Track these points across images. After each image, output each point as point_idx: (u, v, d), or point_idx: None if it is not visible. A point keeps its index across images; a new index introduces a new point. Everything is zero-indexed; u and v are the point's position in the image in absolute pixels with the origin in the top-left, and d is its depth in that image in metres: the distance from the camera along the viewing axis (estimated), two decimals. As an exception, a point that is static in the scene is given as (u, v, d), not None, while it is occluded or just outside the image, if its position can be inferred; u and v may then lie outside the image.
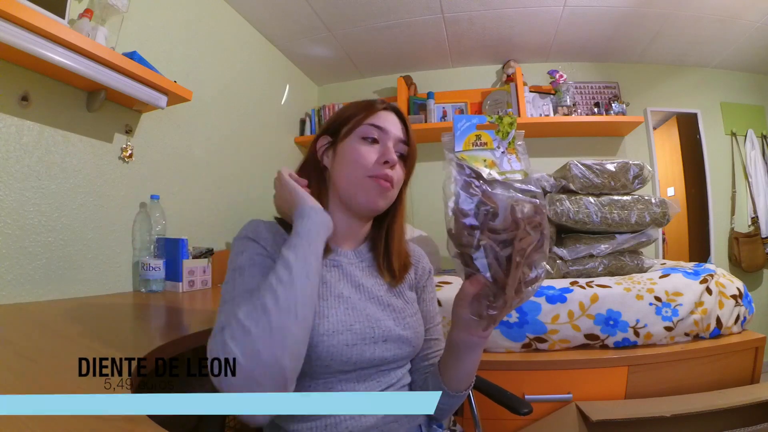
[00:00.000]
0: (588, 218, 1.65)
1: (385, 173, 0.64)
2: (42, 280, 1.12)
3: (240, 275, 0.56)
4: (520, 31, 2.39)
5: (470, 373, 0.64)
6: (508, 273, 0.46)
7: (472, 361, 0.62)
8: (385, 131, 0.67)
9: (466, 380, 0.65)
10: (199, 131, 1.78)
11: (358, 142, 0.66)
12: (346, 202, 0.67)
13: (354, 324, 0.60)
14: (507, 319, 1.39)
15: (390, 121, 0.68)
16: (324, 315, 0.59)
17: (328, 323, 0.59)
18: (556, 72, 2.58)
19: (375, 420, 0.59)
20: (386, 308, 0.66)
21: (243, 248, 0.60)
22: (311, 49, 2.50)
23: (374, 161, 0.65)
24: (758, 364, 1.43)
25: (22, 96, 1.08)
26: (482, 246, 0.46)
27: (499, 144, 0.50)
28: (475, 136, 0.50)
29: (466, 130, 0.51)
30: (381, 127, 0.67)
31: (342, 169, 0.66)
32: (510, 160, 0.49)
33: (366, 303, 0.64)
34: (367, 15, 2.17)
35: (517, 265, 0.46)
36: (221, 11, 1.97)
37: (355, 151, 0.65)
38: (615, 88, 2.71)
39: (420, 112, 2.66)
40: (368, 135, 0.66)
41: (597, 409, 1.23)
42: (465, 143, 0.50)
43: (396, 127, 0.68)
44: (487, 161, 0.49)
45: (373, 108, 0.69)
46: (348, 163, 0.66)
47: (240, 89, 2.10)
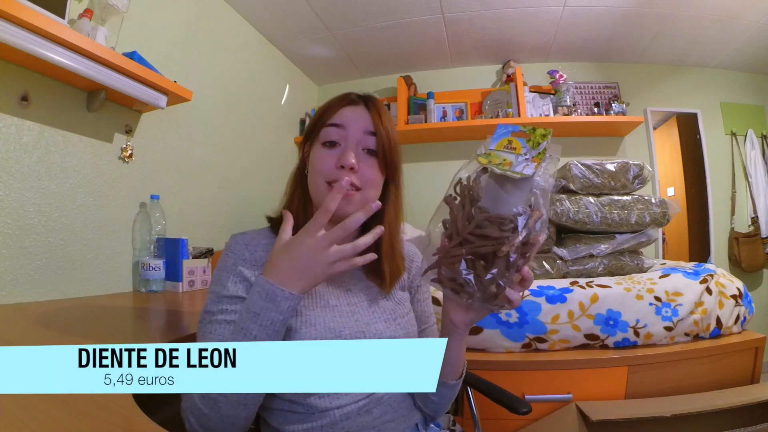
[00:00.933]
0: (588, 218, 1.65)
1: (343, 179, 0.60)
2: (42, 280, 1.12)
3: (209, 321, 0.57)
4: (520, 31, 2.38)
5: (456, 360, 0.63)
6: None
7: (458, 346, 0.61)
8: (345, 128, 0.62)
9: (454, 368, 0.63)
10: (199, 131, 1.78)
11: (319, 147, 0.63)
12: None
13: (343, 330, 0.60)
14: (507, 319, 1.39)
15: (351, 116, 0.63)
16: (311, 323, 0.59)
17: (315, 331, 0.58)
18: (556, 72, 2.58)
19: (371, 419, 0.59)
20: (376, 311, 0.65)
21: (218, 278, 0.61)
22: (311, 49, 2.50)
23: (332, 166, 0.61)
24: (758, 364, 1.43)
25: (22, 96, 1.08)
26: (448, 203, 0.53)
27: (527, 152, 0.52)
28: (508, 141, 0.54)
29: (503, 134, 0.55)
30: (339, 125, 0.63)
31: (309, 178, 0.65)
32: (526, 167, 0.50)
33: (355, 307, 0.64)
34: (367, 15, 2.17)
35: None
36: (221, 11, 1.97)
37: (315, 157, 0.63)
38: (615, 88, 2.71)
39: (420, 112, 2.66)
40: (327, 138, 0.63)
41: (597, 409, 1.23)
42: (498, 144, 0.54)
43: (360, 121, 0.63)
44: (505, 160, 0.51)
45: (335, 106, 0.65)
46: (311, 172, 0.64)
47: (240, 89, 2.10)
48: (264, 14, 2.12)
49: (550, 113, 2.57)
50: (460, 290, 0.50)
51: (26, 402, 0.44)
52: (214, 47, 1.89)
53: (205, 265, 1.52)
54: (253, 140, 2.21)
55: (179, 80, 1.46)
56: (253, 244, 0.63)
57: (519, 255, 0.48)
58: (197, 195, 1.77)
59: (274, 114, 2.48)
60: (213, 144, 1.88)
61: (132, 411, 0.43)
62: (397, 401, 0.64)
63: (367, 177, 0.62)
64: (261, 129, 2.30)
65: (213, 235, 1.83)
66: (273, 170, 2.33)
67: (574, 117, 2.51)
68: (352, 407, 0.59)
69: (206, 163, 1.83)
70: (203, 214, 1.80)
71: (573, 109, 2.56)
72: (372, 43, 2.45)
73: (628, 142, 2.73)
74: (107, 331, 0.84)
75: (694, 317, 1.41)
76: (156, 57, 1.44)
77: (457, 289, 0.50)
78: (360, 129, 0.63)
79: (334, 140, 0.63)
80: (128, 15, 1.33)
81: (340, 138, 0.63)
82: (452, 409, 0.74)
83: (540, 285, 1.46)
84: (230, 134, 2.01)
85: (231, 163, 2.01)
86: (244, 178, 2.11)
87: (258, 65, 2.27)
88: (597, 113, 2.54)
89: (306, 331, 0.58)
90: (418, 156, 2.79)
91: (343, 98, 0.66)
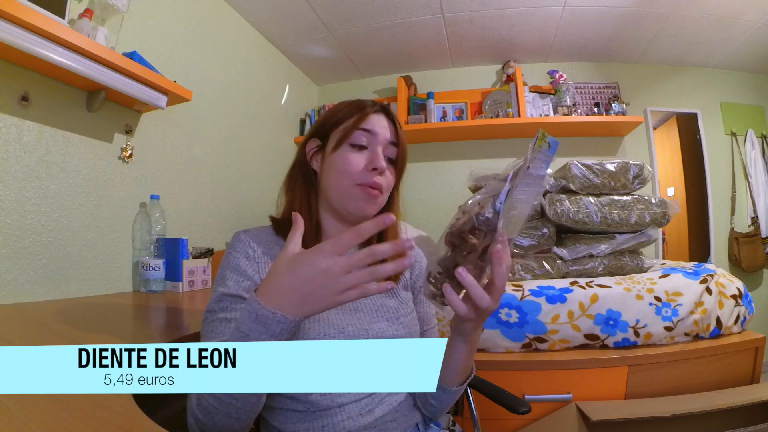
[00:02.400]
0: (588, 218, 1.65)
1: (373, 181, 0.63)
2: (42, 280, 1.12)
3: (212, 320, 0.57)
4: (520, 31, 2.38)
5: (457, 365, 0.61)
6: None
7: (459, 351, 0.60)
8: (375, 134, 0.65)
9: (454, 373, 0.62)
10: (199, 131, 1.78)
11: (348, 149, 0.64)
12: (336, 209, 0.66)
13: (346, 327, 0.60)
14: (507, 319, 1.39)
15: (380, 124, 0.66)
16: (315, 319, 0.59)
17: (319, 327, 0.58)
18: (556, 72, 2.58)
19: (373, 419, 0.59)
20: (379, 309, 0.65)
21: (220, 276, 0.61)
22: (311, 49, 2.50)
23: (362, 168, 0.63)
24: (758, 364, 1.43)
25: (22, 96, 1.08)
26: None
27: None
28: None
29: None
30: (370, 131, 0.65)
31: (331, 177, 0.65)
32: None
33: (358, 305, 0.64)
34: (367, 15, 2.17)
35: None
36: (221, 11, 1.97)
37: (345, 158, 0.64)
38: (615, 88, 2.71)
39: (420, 112, 2.66)
40: (357, 142, 0.64)
41: (597, 409, 1.23)
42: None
43: (385, 130, 0.66)
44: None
45: (364, 111, 0.66)
46: (337, 171, 0.64)
47: (240, 89, 2.10)
48: (264, 14, 2.12)
49: (550, 113, 2.57)
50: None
51: (26, 402, 0.44)
52: (214, 47, 1.89)
53: (205, 265, 1.52)
54: (253, 140, 2.21)
55: (179, 80, 1.46)
56: (256, 241, 0.64)
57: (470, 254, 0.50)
58: (197, 195, 1.77)
59: (274, 114, 2.48)
60: (213, 144, 1.88)
61: (132, 411, 0.43)
62: (399, 401, 0.64)
63: (388, 182, 0.66)
64: (261, 129, 2.30)
65: (213, 235, 1.83)
66: (273, 170, 2.33)
67: (574, 117, 2.51)
68: (354, 406, 0.59)
69: (206, 163, 1.83)
70: (203, 214, 1.80)
71: (573, 109, 2.56)
72: (372, 43, 2.45)
73: (628, 142, 2.73)
74: (107, 331, 0.84)
75: (694, 317, 1.41)
76: (156, 57, 1.44)
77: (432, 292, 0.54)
78: (386, 138, 0.66)
79: (363, 144, 0.65)
80: (128, 15, 1.33)
81: (368, 142, 0.65)
82: (452, 409, 0.74)
83: (540, 285, 1.46)
84: (230, 134, 2.01)
85: (231, 163, 2.01)
86: (244, 178, 2.11)
87: (258, 65, 2.27)
88: (597, 113, 2.55)
89: (310, 326, 0.58)
90: (418, 156, 2.79)
91: (371, 105, 0.68)
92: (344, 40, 2.41)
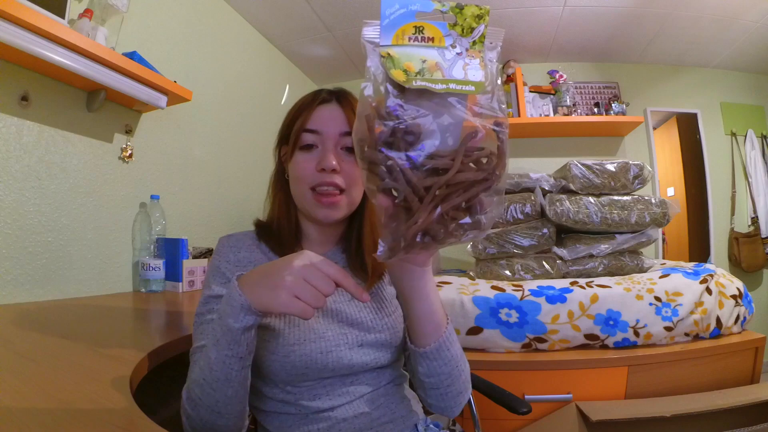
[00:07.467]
0: (588, 218, 1.65)
1: (326, 181, 0.59)
2: (42, 280, 1.12)
3: (200, 323, 0.59)
4: (520, 31, 2.38)
5: (426, 317, 0.54)
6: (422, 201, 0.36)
7: (410, 307, 0.54)
8: (321, 132, 0.60)
9: (430, 330, 0.56)
10: (199, 131, 1.78)
11: (298, 152, 0.62)
12: (305, 215, 0.66)
13: (326, 331, 0.59)
14: (507, 319, 1.39)
15: (325, 117, 0.61)
16: (295, 323, 0.58)
17: (298, 332, 0.57)
18: (556, 72, 2.58)
19: (369, 421, 0.59)
20: (361, 311, 0.63)
21: (206, 280, 0.63)
22: (311, 49, 2.50)
23: (312, 170, 0.60)
24: (758, 364, 1.43)
25: (22, 96, 1.08)
26: (389, 167, 0.36)
27: (455, 41, 0.36)
28: (414, 28, 0.35)
29: (399, 18, 0.35)
30: (314, 130, 0.61)
31: (292, 184, 0.64)
32: (467, 66, 0.35)
33: (340, 306, 0.62)
34: (367, 15, 2.15)
35: (434, 198, 0.36)
36: (221, 11, 1.97)
37: (296, 163, 0.62)
38: (615, 88, 2.71)
39: (420, 112, 2.66)
40: (304, 143, 0.61)
41: (597, 409, 1.23)
42: (397, 36, 0.35)
43: (335, 121, 0.61)
44: (427, 62, 0.35)
45: (310, 108, 0.62)
46: (293, 178, 0.63)
47: (240, 89, 2.10)
48: (264, 14, 2.12)
49: (550, 113, 2.57)
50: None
51: (26, 402, 0.44)
52: (214, 47, 1.89)
53: (205, 265, 1.52)
54: (253, 140, 2.21)
55: (179, 80, 1.46)
56: (237, 246, 0.65)
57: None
58: (197, 195, 1.76)
59: (274, 114, 2.47)
60: (213, 144, 1.87)
61: (132, 411, 0.43)
62: (395, 403, 0.63)
63: (350, 176, 0.60)
64: (261, 129, 2.30)
65: (213, 235, 1.83)
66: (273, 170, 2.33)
67: (574, 117, 2.52)
68: (346, 408, 0.58)
69: (206, 163, 1.83)
70: (203, 214, 1.80)
71: (573, 109, 2.56)
72: (372, 43, 2.45)
73: (628, 142, 2.73)
74: (107, 331, 0.84)
75: (694, 317, 1.41)
76: (156, 57, 1.44)
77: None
78: (336, 131, 0.60)
79: (310, 143, 0.61)
80: (128, 15, 1.33)
81: (316, 141, 0.61)
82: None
83: (540, 285, 1.46)
84: (230, 134, 2.01)
85: (231, 163, 2.01)
86: (244, 178, 2.11)
87: (258, 65, 2.27)
88: (597, 113, 2.55)
89: (290, 331, 0.57)
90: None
91: (314, 98, 0.63)
92: (344, 40, 2.41)
